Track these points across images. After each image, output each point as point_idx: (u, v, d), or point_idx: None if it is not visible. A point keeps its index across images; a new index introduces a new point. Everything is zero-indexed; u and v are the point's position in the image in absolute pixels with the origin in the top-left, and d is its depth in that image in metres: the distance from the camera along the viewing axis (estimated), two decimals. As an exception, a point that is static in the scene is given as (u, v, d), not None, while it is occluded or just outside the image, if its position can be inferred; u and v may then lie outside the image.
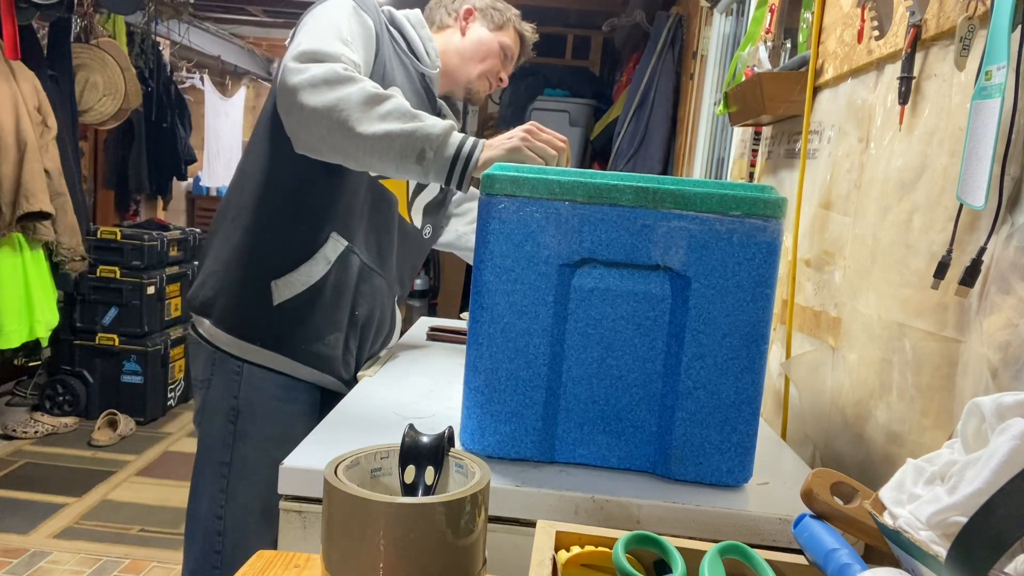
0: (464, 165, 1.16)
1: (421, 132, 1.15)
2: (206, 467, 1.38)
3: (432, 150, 1.15)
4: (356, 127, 1.14)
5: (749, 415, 0.93)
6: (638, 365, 0.94)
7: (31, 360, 3.65)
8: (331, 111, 1.15)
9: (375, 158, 1.17)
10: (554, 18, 5.53)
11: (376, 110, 1.15)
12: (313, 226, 1.35)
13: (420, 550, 0.61)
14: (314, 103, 1.15)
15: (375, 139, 1.15)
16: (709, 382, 0.92)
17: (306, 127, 1.19)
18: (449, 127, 1.17)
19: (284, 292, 1.34)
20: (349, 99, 1.15)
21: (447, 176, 1.17)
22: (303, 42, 1.21)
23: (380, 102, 1.16)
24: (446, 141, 1.16)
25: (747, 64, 1.76)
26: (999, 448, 0.50)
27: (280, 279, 1.34)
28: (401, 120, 1.15)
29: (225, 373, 1.36)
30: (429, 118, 1.17)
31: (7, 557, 2.57)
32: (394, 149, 1.15)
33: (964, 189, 0.78)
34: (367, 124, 1.14)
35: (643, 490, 0.92)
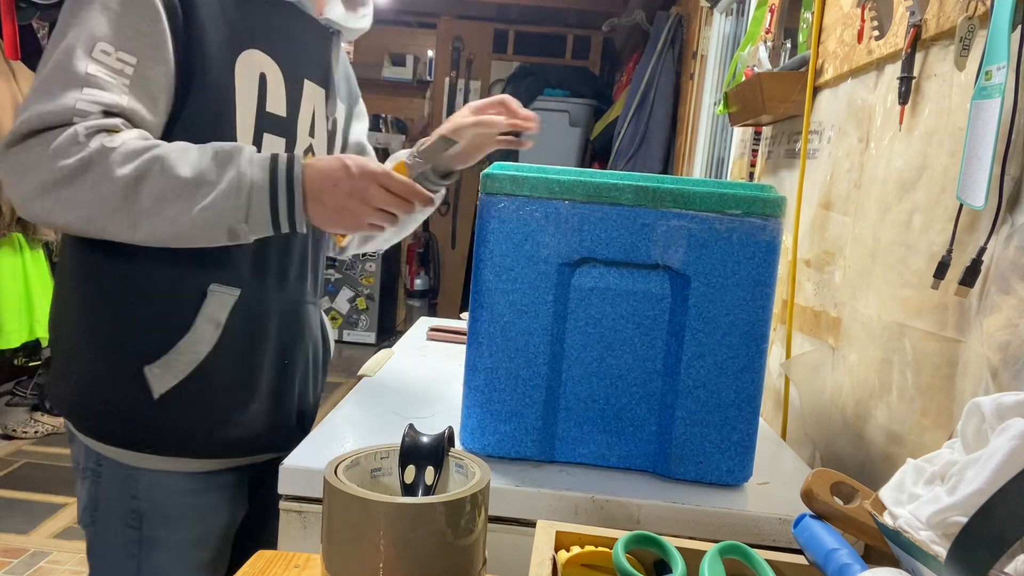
0: (288, 216, 0.93)
1: (215, 207, 0.89)
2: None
3: (243, 219, 0.91)
4: (133, 233, 0.89)
5: (749, 414, 0.93)
6: (638, 364, 0.94)
7: (31, 360, 3.65)
8: (86, 225, 0.89)
9: (179, 245, 0.92)
10: (554, 18, 5.54)
11: (139, 201, 0.87)
12: (179, 283, 0.99)
13: (420, 550, 0.61)
14: (56, 219, 0.89)
15: (164, 239, 0.91)
16: (709, 381, 0.92)
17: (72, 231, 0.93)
18: (241, 175, 0.90)
19: (166, 379, 0.98)
20: (97, 202, 0.87)
21: (274, 228, 0.94)
22: (28, 100, 0.89)
23: (139, 182, 0.87)
24: (252, 201, 0.90)
25: (747, 64, 1.76)
26: (999, 448, 0.50)
27: (155, 364, 0.98)
28: (181, 198, 0.88)
29: (115, 469, 1.02)
30: (217, 170, 0.90)
31: (7, 557, 2.57)
32: (188, 241, 0.92)
33: (964, 189, 0.78)
34: (143, 226, 0.89)
35: (643, 490, 0.92)
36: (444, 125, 1.20)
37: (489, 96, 1.28)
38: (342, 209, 0.94)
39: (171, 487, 1.02)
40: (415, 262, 6.45)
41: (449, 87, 5.98)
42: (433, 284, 6.57)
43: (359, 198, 0.94)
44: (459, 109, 1.32)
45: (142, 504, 1.01)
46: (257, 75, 1.01)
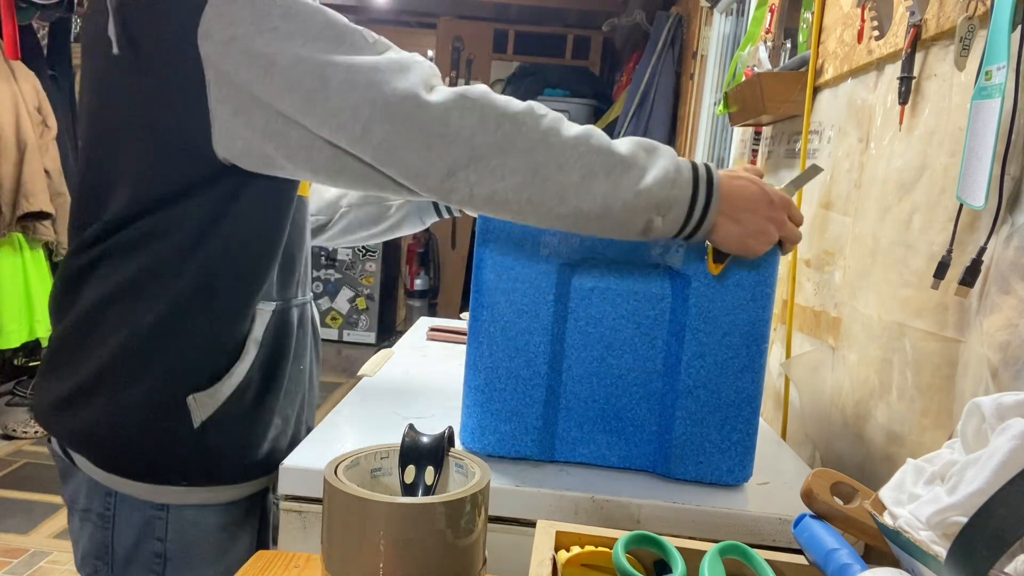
0: (698, 224, 0.85)
1: (647, 193, 0.81)
2: None
3: (661, 215, 0.83)
4: (557, 206, 0.81)
5: (749, 414, 0.93)
6: (638, 364, 0.94)
7: (31, 360, 3.65)
8: (514, 194, 0.80)
9: (588, 229, 0.85)
10: (554, 18, 5.54)
11: (570, 172, 0.80)
12: (242, 306, 0.92)
13: (420, 550, 0.61)
14: (481, 190, 0.79)
15: (580, 219, 0.82)
16: (709, 381, 0.92)
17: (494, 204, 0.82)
18: (674, 166, 0.83)
19: (208, 406, 0.91)
20: (531, 169, 0.79)
21: (681, 231, 0.85)
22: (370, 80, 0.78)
23: (576, 150, 0.80)
24: (676, 195, 0.82)
25: (747, 64, 1.76)
26: (999, 448, 0.50)
27: (203, 392, 0.90)
28: (612, 176, 0.81)
29: (135, 510, 0.92)
30: (646, 156, 0.83)
31: (7, 557, 2.57)
32: (607, 224, 0.83)
33: (964, 189, 0.78)
34: (570, 200, 0.81)
35: (643, 490, 0.91)
36: None
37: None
38: (759, 233, 0.86)
39: (201, 523, 0.94)
40: (415, 262, 6.46)
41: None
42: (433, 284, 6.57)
43: (776, 223, 0.87)
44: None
45: (169, 546, 0.93)
46: None
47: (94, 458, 0.91)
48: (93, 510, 0.92)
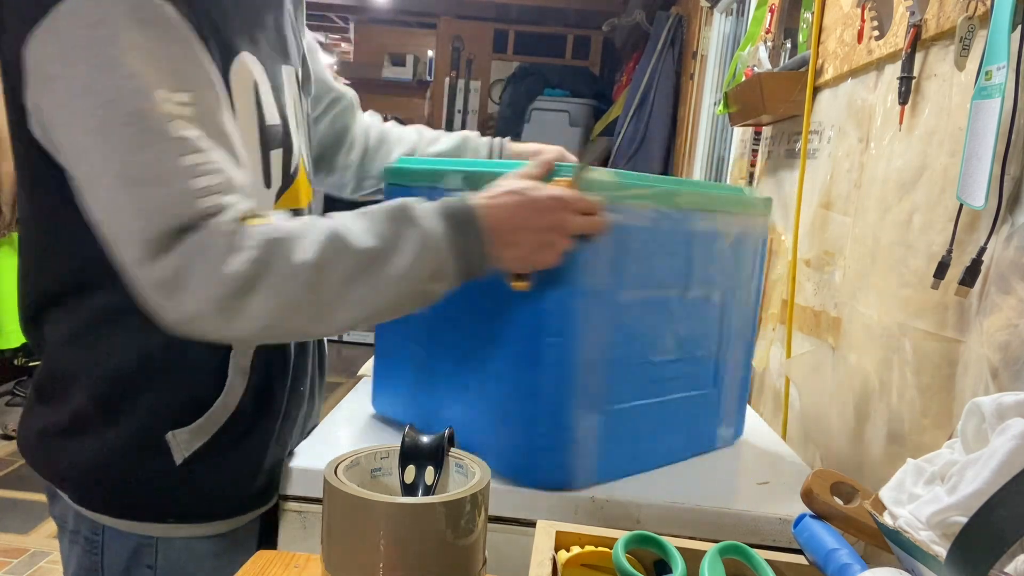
0: (480, 266, 0.82)
1: (406, 276, 0.77)
2: None
3: (436, 281, 0.80)
4: (317, 327, 0.78)
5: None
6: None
7: (31, 360, 3.65)
8: (266, 332, 0.76)
9: (366, 326, 0.83)
10: (554, 18, 5.54)
11: (322, 292, 0.75)
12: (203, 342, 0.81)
13: (420, 550, 0.61)
14: (231, 334, 0.75)
15: (349, 325, 0.79)
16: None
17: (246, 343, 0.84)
18: (425, 233, 0.78)
19: (190, 442, 0.85)
20: (281, 305, 0.73)
21: (463, 280, 0.82)
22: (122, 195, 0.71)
23: (322, 269, 0.74)
24: (441, 257, 0.79)
25: (747, 64, 1.76)
26: (999, 448, 0.50)
27: (180, 430, 0.85)
28: (367, 275, 0.76)
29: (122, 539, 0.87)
30: (395, 231, 0.78)
31: (7, 557, 2.57)
32: (386, 315, 0.81)
33: (964, 189, 0.78)
34: (327, 319, 0.76)
35: (643, 490, 0.91)
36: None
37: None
38: (544, 246, 0.82)
39: (195, 551, 0.89)
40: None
41: (449, 87, 5.97)
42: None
43: (559, 230, 0.82)
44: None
45: (160, 573, 0.88)
46: (251, 85, 0.84)
47: (76, 498, 0.87)
48: (82, 533, 0.88)
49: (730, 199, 1.04)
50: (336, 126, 1.21)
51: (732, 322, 1.05)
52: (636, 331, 0.93)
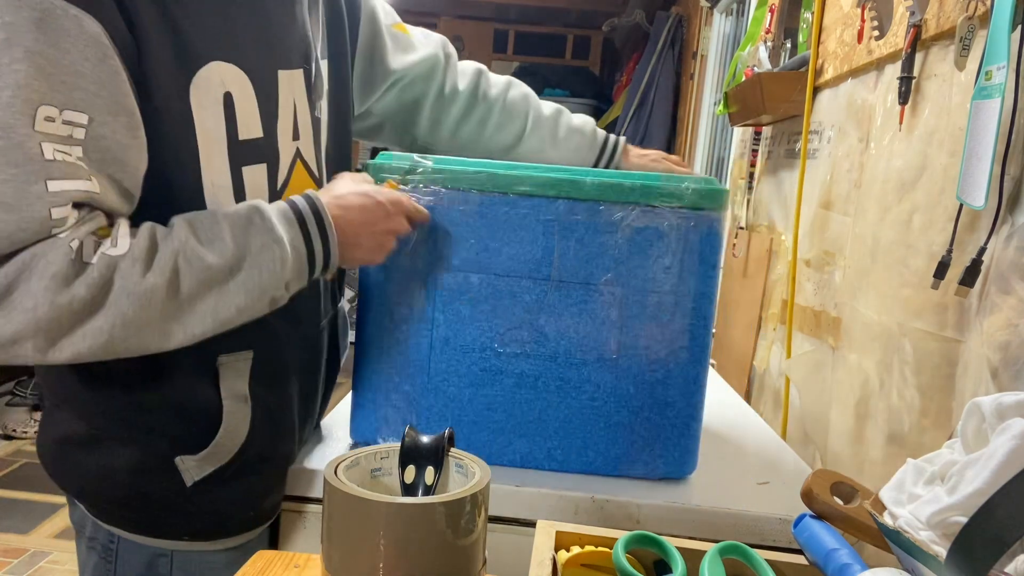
0: (324, 266, 0.81)
1: (255, 285, 0.75)
2: None
3: (284, 289, 0.78)
4: (166, 342, 0.73)
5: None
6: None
7: (31, 360, 3.65)
8: (104, 352, 0.71)
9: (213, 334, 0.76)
10: (554, 18, 5.54)
11: (167, 308, 0.71)
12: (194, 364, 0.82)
13: (420, 550, 0.61)
14: (64, 356, 0.69)
15: (197, 336, 0.75)
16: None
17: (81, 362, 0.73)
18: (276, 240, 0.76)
19: (201, 468, 0.84)
20: (121, 325, 0.69)
21: (309, 280, 0.82)
22: None
23: (169, 288, 0.71)
24: (288, 263, 0.77)
25: (747, 64, 1.76)
26: (999, 448, 0.50)
27: (188, 456, 0.83)
28: (213, 288, 0.73)
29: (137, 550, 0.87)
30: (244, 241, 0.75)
31: (7, 557, 2.57)
32: (233, 323, 0.76)
33: (964, 189, 0.78)
34: (175, 332, 0.73)
35: (643, 490, 0.91)
36: None
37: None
38: (379, 247, 0.86)
39: (209, 563, 0.88)
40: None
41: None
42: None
43: (392, 232, 0.86)
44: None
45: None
46: (220, 97, 0.78)
47: (91, 509, 0.87)
48: (99, 540, 0.88)
49: (634, 189, 0.89)
50: (404, 99, 1.15)
51: (644, 328, 0.92)
52: (466, 315, 0.93)
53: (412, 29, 1.16)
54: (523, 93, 1.18)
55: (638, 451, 0.94)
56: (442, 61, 1.15)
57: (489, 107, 1.16)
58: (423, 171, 0.91)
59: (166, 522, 0.85)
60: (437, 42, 1.17)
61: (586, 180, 0.90)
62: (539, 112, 1.17)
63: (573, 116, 1.18)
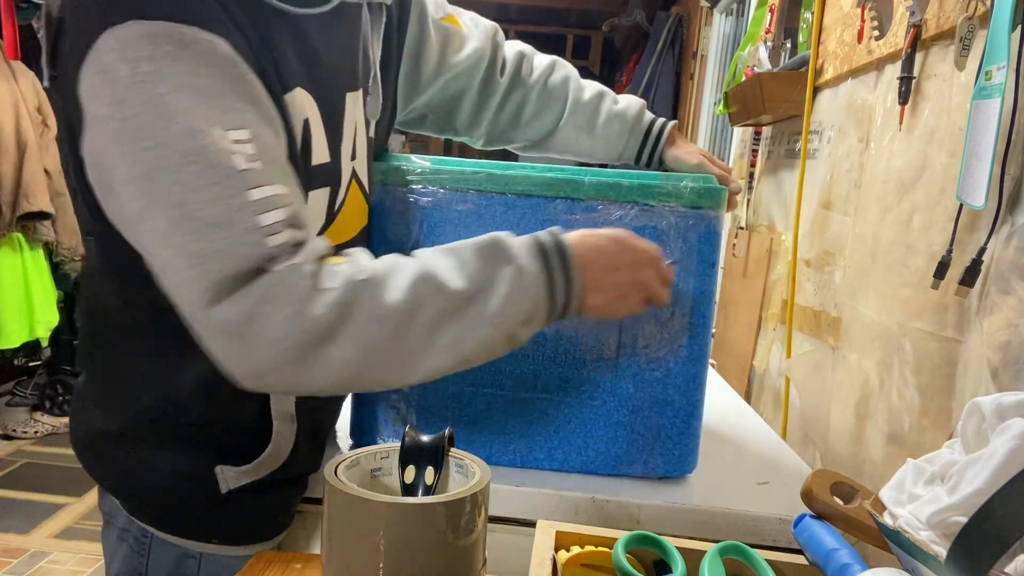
0: (563, 310, 0.76)
1: (498, 318, 0.72)
2: None
3: (523, 326, 0.75)
4: (406, 377, 0.72)
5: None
6: None
7: (31, 360, 3.65)
8: (349, 384, 0.72)
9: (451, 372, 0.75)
10: (554, 18, 5.54)
11: (410, 338, 0.70)
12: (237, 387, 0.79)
13: (420, 550, 0.61)
14: (311, 386, 0.70)
15: (437, 373, 0.73)
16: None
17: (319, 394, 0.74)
18: (520, 270, 0.73)
19: (239, 479, 0.84)
20: (366, 353, 0.69)
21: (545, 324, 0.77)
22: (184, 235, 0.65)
23: (413, 314, 0.69)
24: (533, 299, 0.73)
25: (747, 64, 1.76)
26: (999, 448, 0.50)
27: (228, 467, 0.84)
28: (456, 318, 0.71)
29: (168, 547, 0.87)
30: (488, 271, 0.73)
31: (7, 557, 2.57)
32: (473, 361, 0.74)
33: (964, 189, 0.78)
34: (418, 366, 0.71)
35: (643, 490, 0.91)
36: None
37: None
38: (620, 299, 0.78)
39: (234, 566, 0.87)
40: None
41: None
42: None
43: (641, 286, 0.79)
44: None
45: None
46: (301, 123, 0.77)
47: (126, 505, 0.87)
48: (131, 532, 0.87)
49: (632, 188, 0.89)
50: (448, 92, 1.10)
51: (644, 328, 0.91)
52: None
53: (462, 17, 1.11)
54: (565, 76, 1.12)
55: (638, 451, 0.94)
56: (488, 54, 1.10)
57: (526, 93, 1.11)
58: (422, 171, 0.91)
59: (197, 525, 0.86)
60: (486, 32, 1.11)
61: (584, 180, 0.89)
62: (579, 96, 1.10)
63: (618, 99, 1.11)
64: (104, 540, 0.92)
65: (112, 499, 0.88)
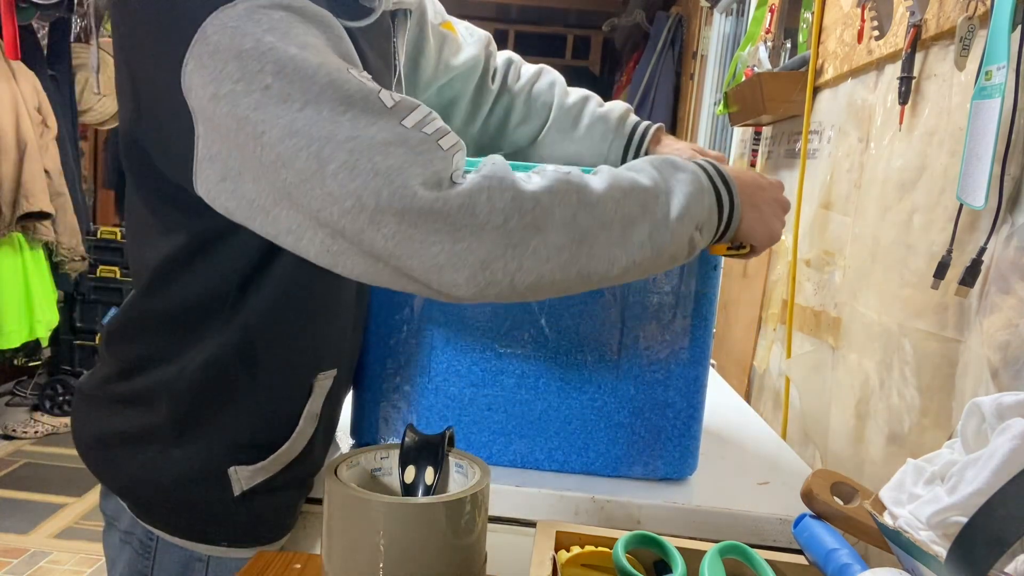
0: (729, 218, 0.79)
1: (682, 216, 0.73)
2: None
3: (699, 230, 0.76)
4: (610, 270, 0.71)
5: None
6: None
7: (31, 360, 3.65)
8: (561, 274, 0.69)
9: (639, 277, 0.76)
10: (554, 18, 5.54)
11: (617, 218, 0.71)
12: (292, 380, 0.84)
13: (420, 550, 0.61)
14: (523, 280, 0.67)
15: (633, 272, 0.73)
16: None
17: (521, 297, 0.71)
18: (695, 174, 0.76)
19: (251, 479, 0.84)
20: (581, 228, 0.69)
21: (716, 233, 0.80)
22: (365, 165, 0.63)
23: (617, 200, 0.71)
24: (706, 203, 0.76)
25: (747, 64, 1.76)
26: (999, 448, 0.50)
27: (243, 467, 0.83)
28: (646, 214, 0.72)
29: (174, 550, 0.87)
30: (665, 173, 0.75)
31: (7, 557, 2.57)
32: (658, 266, 0.75)
33: (964, 189, 0.78)
34: (620, 259, 0.71)
35: (643, 490, 0.91)
36: None
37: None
38: (774, 217, 0.83)
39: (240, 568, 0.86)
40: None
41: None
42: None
43: (780, 205, 0.84)
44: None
45: None
46: None
47: (132, 508, 0.86)
48: (136, 535, 0.87)
49: None
50: (442, 98, 1.12)
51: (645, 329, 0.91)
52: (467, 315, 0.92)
53: (458, 25, 1.13)
54: (550, 82, 1.15)
55: (638, 452, 0.94)
56: (482, 62, 1.13)
57: (512, 99, 1.14)
58: None
59: (208, 528, 0.85)
60: (480, 41, 1.14)
61: None
62: (563, 101, 1.13)
63: (603, 103, 1.13)
64: (106, 542, 0.91)
65: (116, 501, 0.87)
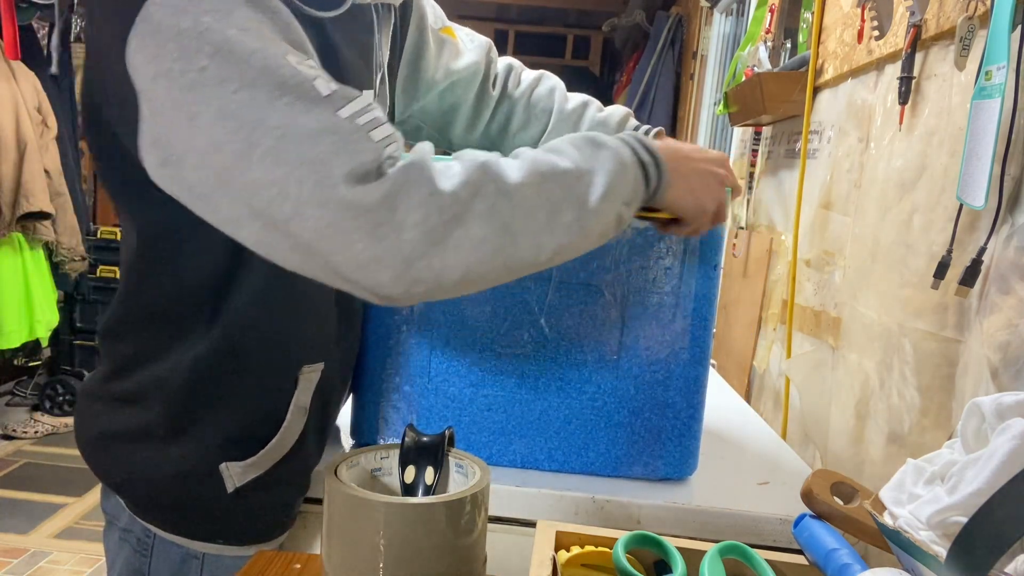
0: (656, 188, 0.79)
1: (607, 195, 0.73)
2: None
3: (626, 204, 0.76)
4: (537, 256, 0.71)
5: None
6: None
7: (31, 360, 3.66)
8: (489, 264, 0.68)
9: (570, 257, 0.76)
10: (554, 18, 5.54)
11: (536, 215, 0.70)
12: (277, 373, 0.84)
13: (420, 550, 0.61)
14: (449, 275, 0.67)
15: (562, 254, 0.73)
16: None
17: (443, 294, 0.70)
18: (617, 150, 0.75)
19: (243, 475, 0.84)
20: (502, 218, 0.68)
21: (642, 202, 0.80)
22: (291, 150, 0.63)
23: (538, 184, 0.70)
24: (630, 176, 0.75)
25: (747, 64, 1.76)
26: (999, 448, 0.50)
27: (234, 463, 0.84)
28: (571, 197, 0.72)
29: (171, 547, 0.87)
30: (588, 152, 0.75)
31: (7, 557, 2.57)
32: (585, 246, 0.75)
33: (964, 189, 0.78)
34: (547, 245, 0.71)
35: (643, 490, 0.91)
36: None
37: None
38: (705, 188, 0.81)
39: (236, 566, 0.88)
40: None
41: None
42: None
43: (713, 176, 0.82)
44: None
45: None
46: None
47: (130, 505, 0.87)
48: (134, 533, 0.87)
49: None
50: (444, 104, 1.12)
51: (645, 329, 0.91)
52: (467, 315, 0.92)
53: (459, 31, 1.14)
54: (550, 87, 1.15)
55: (639, 452, 0.94)
56: (483, 68, 1.13)
57: (513, 105, 1.13)
58: None
59: (202, 525, 0.86)
60: (481, 47, 1.14)
61: None
62: (563, 107, 1.13)
63: (603, 108, 1.14)
64: (106, 541, 0.92)
65: (115, 499, 0.88)
